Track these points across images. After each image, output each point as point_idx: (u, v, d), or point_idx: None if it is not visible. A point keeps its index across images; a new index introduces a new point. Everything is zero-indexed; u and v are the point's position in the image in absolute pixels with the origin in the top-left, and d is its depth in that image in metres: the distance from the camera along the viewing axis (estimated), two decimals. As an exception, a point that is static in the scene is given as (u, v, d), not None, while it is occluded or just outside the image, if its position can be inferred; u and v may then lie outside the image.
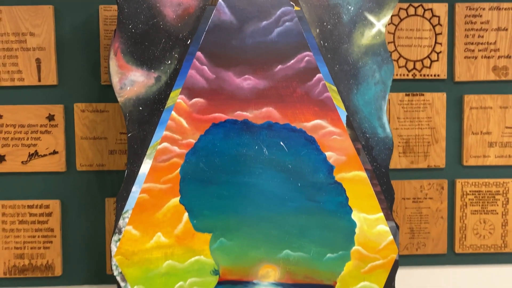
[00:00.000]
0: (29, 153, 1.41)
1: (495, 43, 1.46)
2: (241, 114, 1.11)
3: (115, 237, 1.10)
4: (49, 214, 1.42)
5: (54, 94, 1.41)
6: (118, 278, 1.10)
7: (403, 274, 1.49)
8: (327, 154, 1.14)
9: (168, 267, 1.11)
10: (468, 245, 1.49)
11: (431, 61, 1.45)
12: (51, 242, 1.42)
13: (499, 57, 1.46)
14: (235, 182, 1.13)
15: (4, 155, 1.40)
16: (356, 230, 1.15)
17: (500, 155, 1.48)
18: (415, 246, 1.48)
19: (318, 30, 1.11)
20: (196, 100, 1.10)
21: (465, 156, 1.47)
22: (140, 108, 1.09)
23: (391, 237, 1.16)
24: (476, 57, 1.46)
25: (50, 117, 1.40)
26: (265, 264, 1.14)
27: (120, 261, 1.10)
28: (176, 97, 1.10)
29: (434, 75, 1.46)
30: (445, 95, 1.46)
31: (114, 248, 1.09)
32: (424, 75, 1.46)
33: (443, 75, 1.46)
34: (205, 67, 1.09)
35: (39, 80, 1.40)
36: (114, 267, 1.10)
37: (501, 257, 1.51)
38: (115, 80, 1.08)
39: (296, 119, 1.12)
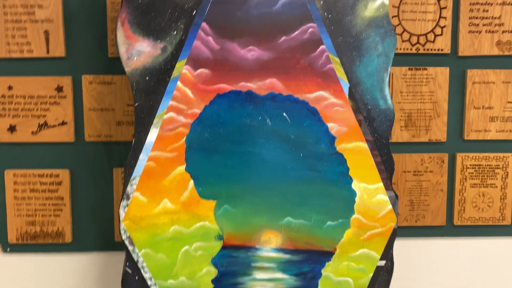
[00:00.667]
0: (39, 123, 1.44)
1: (499, 17, 1.46)
2: (245, 85, 1.14)
3: (123, 203, 1.14)
4: (59, 183, 1.47)
5: (62, 66, 1.44)
6: (127, 242, 1.15)
7: (402, 245, 1.53)
8: (329, 125, 1.17)
9: (174, 232, 1.15)
10: (467, 217, 1.53)
11: (435, 36, 1.46)
12: (61, 210, 1.47)
13: (503, 31, 1.46)
14: (239, 151, 1.16)
15: (15, 126, 1.44)
16: (356, 199, 1.19)
17: (501, 130, 1.50)
18: (415, 218, 1.52)
19: (322, 1, 1.13)
20: (201, 71, 1.13)
21: (466, 130, 1.49)
22: (147, 78, 1.12)
23: (390, 206, 1.20)
24: (480, 32, 1.46)
25: (59, 89, 1.43)
26: (267, 231, 1.18)
27: (128, 225, 1.14)
28: (182, 68, 1.12)
29: (438, 50, 1.47)
30: (448, 69, 1.47)
31: (122, 213, 1.14)
32: (428, 50, 1.47)
33: (447, 49, 1.47)
34: (210, 38, 1.11)
35: (48, 52, 1.42)
36: (122, 232, 1.14)
37: (498, 229, 1.55)
38: (122, 50, 1.10)
39: (299, 90, 1.15)
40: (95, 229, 1.50)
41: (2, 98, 1.43)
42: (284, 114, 1.15)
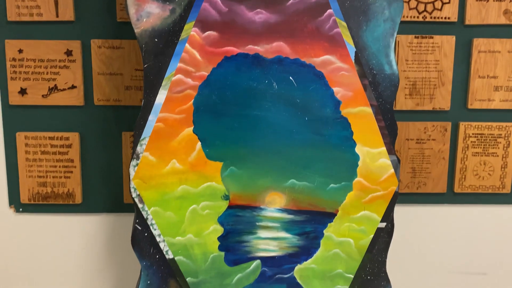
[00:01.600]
0: (49, 87, 1.47)
1: (508, -15, 1.45)
2: (252, 48, 1.15)
3: (133, 162, 1.17)
4: (69, 146, 1.50)
5: (71, 30, 1.45)
6: (136, 200, 1.19)
7: (403, 212, 1.57)
8: (335, 89, 1.19)
9: (182, 191, 1.19)
10: (467, 185, 1.56)
11: (443, 3, 1.46)
12: (71, 172, 1.52)
13: (510, 0, 1.46)
14: (245, 115, 1.18)
15: (26, 89, 1.47)
16: (359, 163, 1.22)
17: (505, 99, 1.51)
18: (416, 185, 1.55)
19: (330, -36, 1.13)
20: (209, 33, 1.14)
21: (470, 99, 1.51)
22: (156, 39, 1.14)
23: (392, 170, 1.23)
24: (487, 0, 1.46)
25: (68, 53, 1.45)
26: (272, 192, 1.22)
27: (138, 184, 1.18)
28: (190, 30, 1.14)
29: (445, 18, 1.47)
30: (454, 38, 1.47)
31: (132, 172, 1.17)
32: (435, 18, 1.47)
33: (454, 18, 1.47)
34: (218, 0, 1.12)
35: (57, 16, 1.43)
36: (132, 190, 1.18)
37: (498, 197, 1.58)
38: (132, 12, 1.12)
39: (306, 54, 1.16)
40: (104, 191, 1.54)
41: (13, 61, 1.45)
42: (291, 78, 1.17)
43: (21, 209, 1.55)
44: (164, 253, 1.21)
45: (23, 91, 1.47)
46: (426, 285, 1.64)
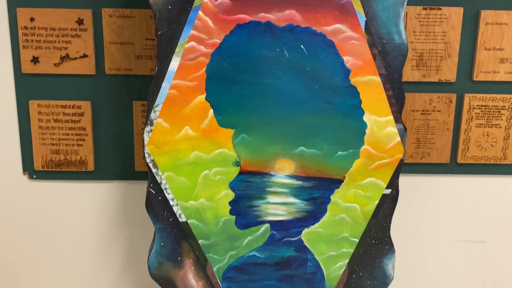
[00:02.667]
0: (61, 55, 1.49)
1: (518, -43, 1.46)
2: (264, 16, 1.17)
3: (147, 128, 1.21)
4: (81, 114, 1.53)
5: (82, -1, 1.46)
6: (150, 165, 1.22)
7: (407, 181, 1.61)
8: (345, 58, 1.21)
9: (195, 157, 1.23)
10: (470, 156, 1.59)
11: (452, -25, 1.46)
12: (84, 140, 1.55)
13: (520, -29, 1.47)
14: (256, 82, 1.21)
15: (38, 57, 1.49)
16: (367, 131, 1.25)
17: (510, 71, 1.53)
18: (420, 155, 1.59)
19: None
20: (222, 1, 1.16)
21: (476, 71, 1.53)
22: (169, 7, 1.15)
23: (398, 138, 1.26)
24: (497, -29, 1.46)
25: (80, 21, 1.46)
26: (282, 159, 1.26)
27: (152, 150, 1.22)
28: (204, -3, 1.15)
29: (453, -11, 1.48)
30: (462, 9, 1.49)
31: (146, 138, 1.21)
32: (444, -11, 1.48)
33: (462, -11, 1.48)
34: (231, -32, 1.14)
35: (68, -16, 1.44)
36: (146, 155, 1.22)
37: (500, 168, 1.62)
38: (146, -21, 1.13)
39: (317, 22, 1.18)
40: (116, 158, 1.58)
41: (25, 29, 1.46)
42: (302, 46, 1.19)
43: (34, 176, 1.59)
44: (177, 216, 1.25)
45: (35, 60, 1.49)
46: (428, 251, 1.70)
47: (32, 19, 1.46)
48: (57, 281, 1.68)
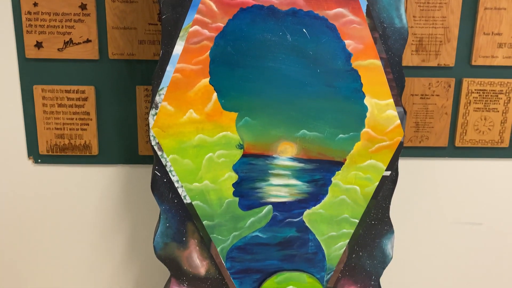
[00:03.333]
0: (64, 40, 1.50)
1: None
2: (267, 0, 1.18)
3: (152, 112, 1.23)
4: (85, 99, 1.55)
5: (85, -16, 1.47)
6: (155, 148, 1.25)
7: (406, 164, 1.65)
8: (346, 42, 1.23)
9: (199, 140, 1.25)
10: (468, 139, 1.63)
11: (452, -40, 1.48)
12: (88, 124, 1.57)
13: (519, -44, 1.48)
14: (260, 66, 1.23)
15: (42, 42, 1.50)
16: (367, 114, 1.28)
17: (508, 56, 1.56)
18: (419, 139, 1.62)
19: None
20: (226, -15, 1.17)
21: (474, 56, 1.55)
22: (174, -9, 1.16)
23: (398, 121, 1.29)
24: (496, -44, 1.48)
25: (83, 6, 1.47)
26: (284, 141, 1.28)
27: (157, 132, 1.24)
28: (207, -19, 1.16)
29: (453, -26, 1.49)
30: (461, -6, 1.51)
31: (151, 121, 1.23)
32: (443, -26, 1.49)
33: (462, -26, 1.49)
34: (235, -48, 1.15)
35: (70, -31, 1.45)
36: (151, 138, 1.24)
37: (497, 151, 1.65)
38: (150, -38, 1.14)
39: (319, 6, 1.20)
40: (120, 143, 1.60)
41: (28, 14, 1.47)
42: (304, 30, 1.21)
43: (39, 160, 1.61)
44: (182, 198, 1.28)
45: (39, 45, 1.50)
46: (426, 232, 1.74)
47: (35, 4, 1.47)
48: (63, 263, 1.72)
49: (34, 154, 1.60)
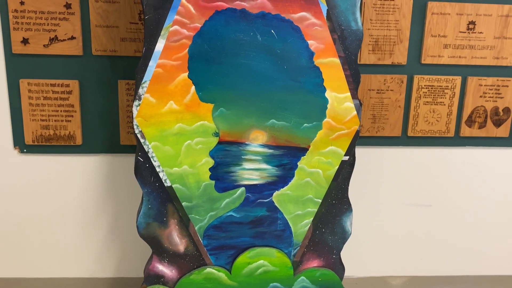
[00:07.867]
0: (50, 37, 1.60)
1: (459, -45, 1.67)
2: (239, 4, 1.33)
3: (136, 103, 1.35)
4: (69, 92, 1.66)
5: (69, -16, 1.57)
6: (139, 136, 1.38)
7: (364, 152, 1.83)
8: (309, 42, 1.39)
9: (179, 128, 1.39)
10: (419, 130, 1.82)
11: (403, -30, 1.66)
12: (72, 116, 1.67)
13: (461, -32, 1.68)
14: (233, 62, 1.37)
15: (28, 38, 1.59)
16: (328, 106, 1.44)
17: (452, 56, 1.76)
18: (375, 129, 1.81)
19: None
20: (203, -10, 1.31)
21: (424, 55, 1.75)
22: (156, -6, 1.29)
23: (355, 112, 1.46)
24: (441, -32, 1.67)
25: (67, 5, 1.58)
26: (255, 130, 1.43)
27: (140, 122, 1.37)
28: (186, -14, 1.30)
29: (404, -17, 1.68)
30: (412, 1, 1.69)
31: (135, 111, 1.36)
32: (396, -18, 1.68)
33: (412, -17, 1.68)
34: (211, -39, 1.29)
35: (56, -30, 1.55)
36: (135, 127, 1.37)
37: (444, 140, 1.86)
38: (135, -32, 1.26)
39: (285, 10, 1.35)
40: (103, 133, 1.71)
41: (15, 12, 1.56)
42: (272, 31, 1.36)
43: (25, 150, 1.70)
44: (163, 181, 1.41)
45: (25, 41, 1.59)
46: (382, 212, 1.93)
47: (22, 3, 1.56)
48: (49, 247, 1.81)
49: (20, 144, 1.69)
